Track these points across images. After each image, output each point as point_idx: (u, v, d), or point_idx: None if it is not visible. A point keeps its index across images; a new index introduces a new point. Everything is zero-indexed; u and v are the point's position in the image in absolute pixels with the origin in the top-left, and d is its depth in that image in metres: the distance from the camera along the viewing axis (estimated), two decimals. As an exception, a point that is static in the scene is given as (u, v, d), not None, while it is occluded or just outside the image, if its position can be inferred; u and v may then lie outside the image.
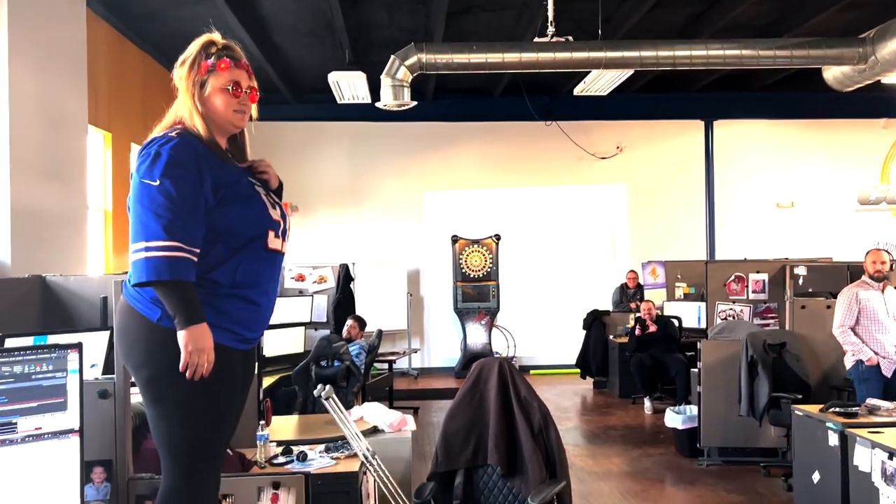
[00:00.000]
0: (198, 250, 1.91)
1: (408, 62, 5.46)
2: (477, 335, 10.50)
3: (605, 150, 11.08)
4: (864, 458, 4.08)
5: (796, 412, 4.75)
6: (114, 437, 2.36)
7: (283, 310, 7.30)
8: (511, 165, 11.07)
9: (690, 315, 8.78)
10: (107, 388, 2.38)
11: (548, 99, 10.62)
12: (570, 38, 5.59)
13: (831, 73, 6.31)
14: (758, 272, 7.59)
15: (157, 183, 1.88)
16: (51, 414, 2.21)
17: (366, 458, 3.73)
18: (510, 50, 5.38)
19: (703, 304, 8.29)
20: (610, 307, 10.00)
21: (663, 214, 11.14)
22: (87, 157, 6.15)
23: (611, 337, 9.22)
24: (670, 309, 9.05)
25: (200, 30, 2.33)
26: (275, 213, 2.13)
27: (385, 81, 5.64)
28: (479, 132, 11.06)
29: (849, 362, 5.17)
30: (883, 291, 5.12)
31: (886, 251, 5.30)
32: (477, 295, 10.57)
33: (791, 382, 5.31)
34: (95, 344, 3.24)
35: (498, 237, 10.69)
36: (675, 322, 8.49)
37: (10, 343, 2.74)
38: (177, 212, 1.86)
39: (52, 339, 2.72)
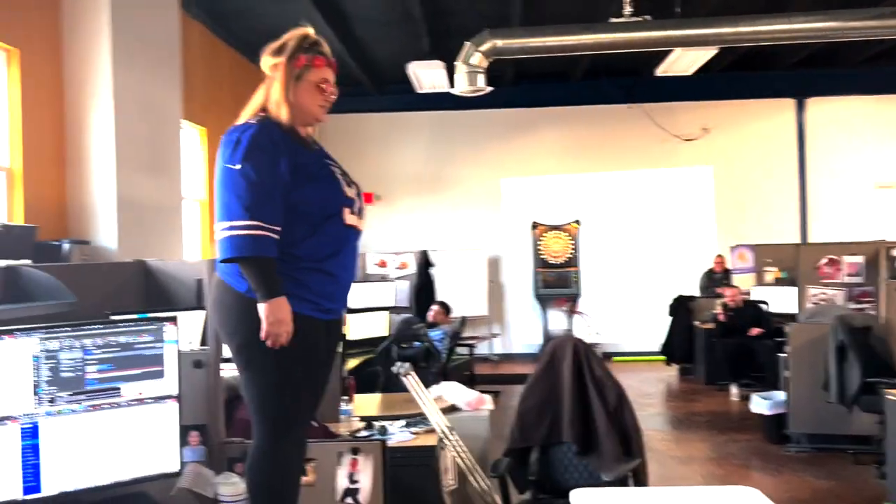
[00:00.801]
0: (278, 228, 2.04)
1: (482, 48, 5.52)
2: (558, 321, 10.49)
3: (691, 132, 10.81)
4: (962, 445, 3.91)
5: (889, 397, 4.58)
6: (207, 404, 2.55)
7: (367, 294, 7.54)
8: (592, 150, 10.96)
9: (781, 300, 8.49)
10: (201, 358, 2.57)
11: (630, 81, 10.45)
12: (648, 17, 5.51)
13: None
14: (853, 255, 7.29)
15: (239, 167, 2.03)
16: (151, 381, 2.42)
17: (443, 433, 3.85)
18: (585, 31, 5.36)
19: (794, 289, 8.02)
20: (696, 292, 9.78)
21: (753, 197, 10.79)
22: (182, 151, 6.52)
23: (696, 323, 9.03)
24: (760, 294, 8.79)
25: (288, 25, 2.47)
26: (350, 191, 2.25)
27: (460, 68, 5.72)
28: (559, 117, 10.99)
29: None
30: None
31: None
32: (557, 281, 10.55)
33: (880, 367, 5.10)
34: (192, 322, 3.48)
35: (578, 222, 10.62)
36: (764, 307, 8.24)
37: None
38: (257, 193, 2.00)
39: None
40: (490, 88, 5.89)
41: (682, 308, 9.21)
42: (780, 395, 5.99)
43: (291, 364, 2.08)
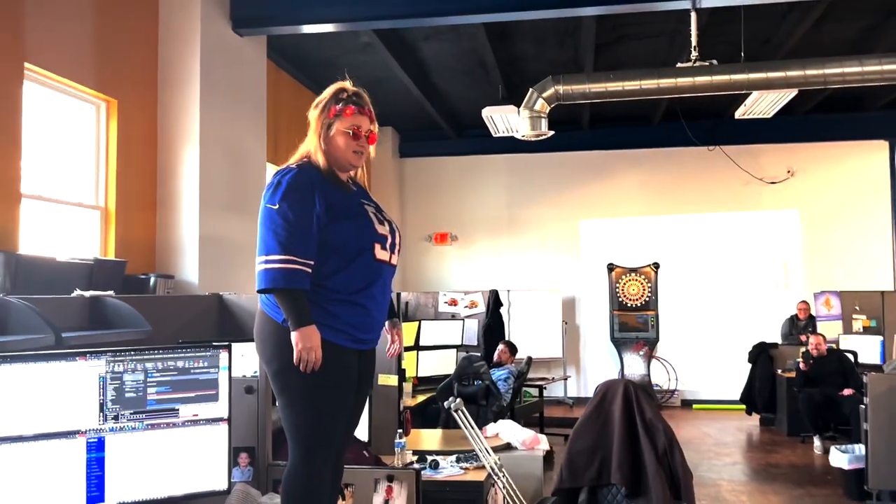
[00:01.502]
0: (311, 262, 2.22)
1: (545, 94, 5.66)
2: (635, 365, 10.30)
3: (775, 175, 10.54)
4: None
5: (973, 454, 4.32)
6: (256, 428, 2.73)
7: (437, 332, 7.68)
8: (671, 192, 10.83)
9: (871, 350, 8.10)
10: (252, 384, 2.77)
11: (710, 124, 10.33)
12: (715, 61, 5.52)
13: None
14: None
15: (277, 207, 2.24)
16: (205, 403, 2.63)
17: (493, 469, 3.91)
18: (647, 77, 5.42)
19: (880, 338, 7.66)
20: (779, 339, 9.43)
21: (842, 242, 10.36)
22: (265, 192, 6.91)
23: (779, 371, 8.70)
24: (847, 343, 8.40)
25: (369, 74, 2.68)
26: (382, 229, 2.41)
27: (523, 113, 5.87)
28: (638, 159, 10.94)
29: None
30: None
31: None
32: (635, 324, 10.40)
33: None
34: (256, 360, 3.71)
35: (657, 265, 10.46)
36: (851, 357, 7.87)
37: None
38: (291, 231, 2.19)
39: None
40: (551, 132, 6.00)
41: (763, 355, 8.89)
42: (861, 449, 5.70)
43: (324, 390, 2.23)
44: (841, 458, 5.80)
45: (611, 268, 10.58)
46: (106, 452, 2.48)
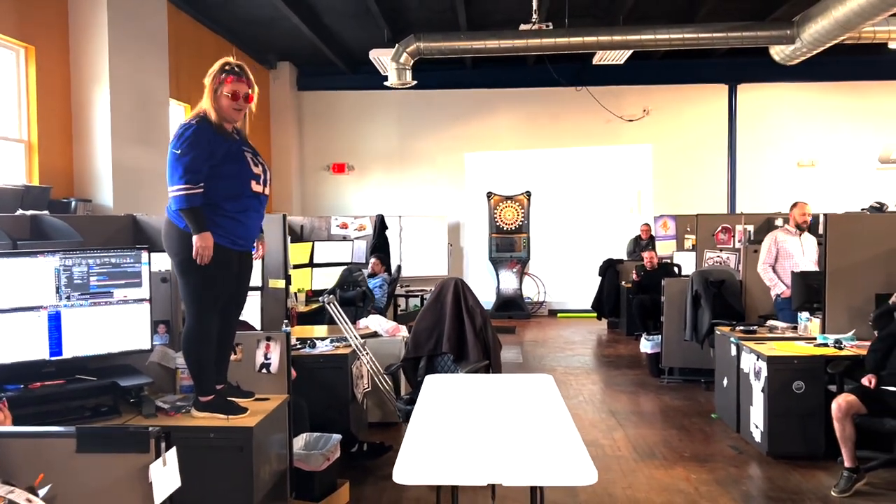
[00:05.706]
0: (201, 187, 3.23)
1: (409, 49, 6.67)
2: (509, 281, 11.76)
3: (633, 113, 11.97)
4: (746, 363, 5.18)
5: (717, 332, 5.85)
6: (170, 307, 3.79)
7: (330, 252, 8.78)
8: (544, 128, 12.13)
9: (692, 263, 9.71)
10: (166, 276, 3.80)
11: (578, 66, 11.57)
12: (550, 24, 6.66)
13: (774, 51, 7.11)
14: (744, 224, 8.54)
15: (179, 151, 3.23)
16: (132, 288, 3.66)
17: (357, 347, 5.12)
18: (492, 38, 6.51)
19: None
20: (625, 256, 11.03)
21: (687, 173, 11.98)
22: (169, 125, 7.71)
23: (623, 283, 10.29)
24: (678, 258, 10.02)
25: (263, 14, 3.56)
26: (256, 169, 3.44)
27: (391, 65, 6.88)
28: (515, 98, 12.14)
29: (773, 295, 6.18)
30: (800, 236, 6.07)
31: (807, 204, 6.25)
32: (509, 245, 11.81)
33: (728, 313, 6.35)
34: (168, 261, 4.71)
35: (529, 194, 11.82)
36: (676, 269, 9.48)
37: (110, 252, 4.20)
38: (188, 169, 3.20)
39: (137, 252, 4.16)
40: (414, 82, 7.03)
41: (610, 270, 10.47)
42: (661, 338, 7.26)
43: (211, 274, 3.31)
44: (646, 345, 7.35)
45: (490, 196, 11.87)
46: (62, 321, 3.49)
